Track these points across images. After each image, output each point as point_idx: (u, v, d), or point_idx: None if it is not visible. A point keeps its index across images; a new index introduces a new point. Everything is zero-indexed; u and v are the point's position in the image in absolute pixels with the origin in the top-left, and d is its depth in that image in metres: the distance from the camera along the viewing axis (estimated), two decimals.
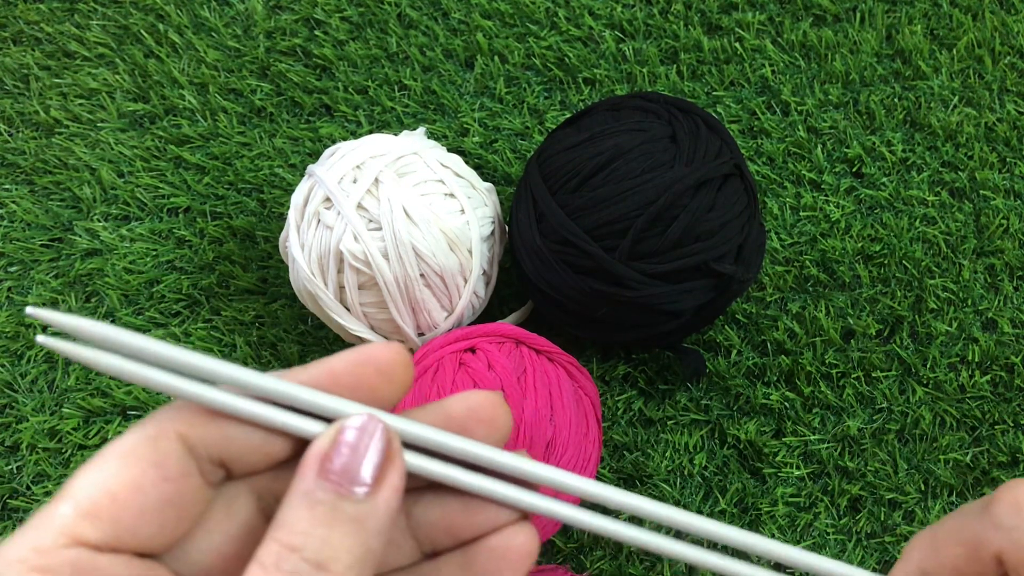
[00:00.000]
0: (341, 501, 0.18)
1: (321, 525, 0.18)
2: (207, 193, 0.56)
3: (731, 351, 0.51)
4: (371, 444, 0.19)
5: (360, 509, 0.18)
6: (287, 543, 0.18)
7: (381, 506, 0.19)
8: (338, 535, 0.18)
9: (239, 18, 0.61)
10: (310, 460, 0.19)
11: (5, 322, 0.53)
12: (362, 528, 0.18)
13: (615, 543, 0.47)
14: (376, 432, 0.19)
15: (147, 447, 0.19)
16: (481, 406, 0.21)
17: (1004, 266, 0.52)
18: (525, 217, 0.45)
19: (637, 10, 0.60)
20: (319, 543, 0.18)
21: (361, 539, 0.18)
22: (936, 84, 0.57)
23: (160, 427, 0.19)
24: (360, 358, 0.20)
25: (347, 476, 0.18)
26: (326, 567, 0.18)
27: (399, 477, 0.19)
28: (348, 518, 0.18)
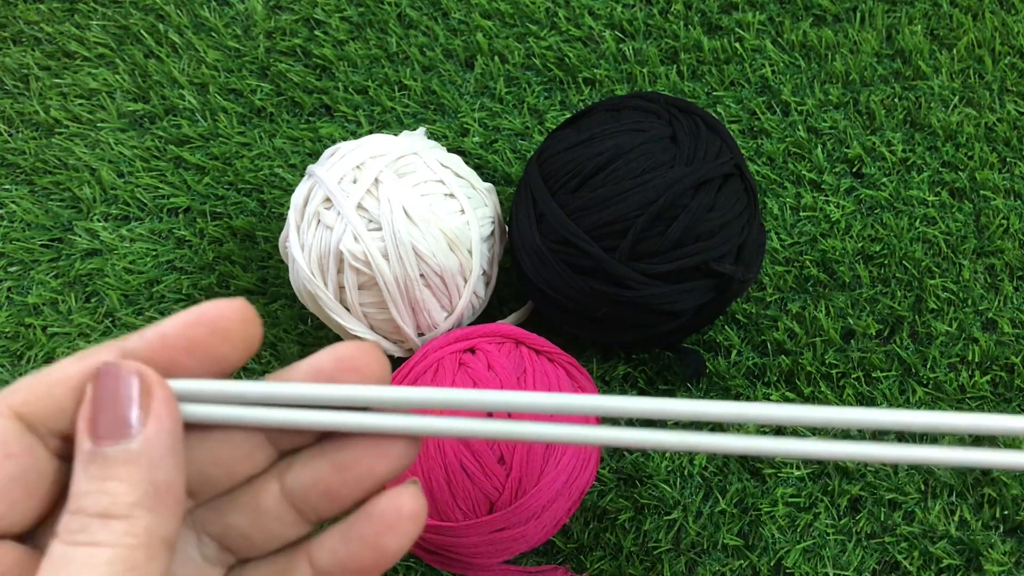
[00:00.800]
0: (111, 449, 0.18)
1: (97, 479, 0.18)
2: (207, 193, 0.56)
3: (731, 351, 0.51)
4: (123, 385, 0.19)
5: (130, 450, 0.18)
6: (73, 508, 0.18)
7: (152, 439, 0.18)
8: (113, 482, 0.18)
9: (239, 18, 0.61)
10: (79, 425, 0.19)
11: (5, 322, 0.53)
12: (136, 466, 0.18)
13: (615, 544, 0.47)
14: (122, 373, 0.19)
15: None
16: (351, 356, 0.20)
17: (1004, 266, 0.52)
18: (525, 217, 0.45)
19: (637, 10, 0.60)
20: (97, 496, 0.18)
21: (139, 475, 0.18)
22: (936, 84, 0.57)
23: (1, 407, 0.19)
24: (191, 318, 0.20)
25: (113, 425, 0.18)
26: (110, 514, 0.18)
27: (163, 405, 0.19)
28: (120, 462, 0.18)
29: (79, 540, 0.18)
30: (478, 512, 0.40)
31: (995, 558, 0.45)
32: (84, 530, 0.18)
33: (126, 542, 0.18)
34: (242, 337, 0.20)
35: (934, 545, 0.46)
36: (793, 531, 0.47)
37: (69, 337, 0.52)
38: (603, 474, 0.48)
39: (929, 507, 0.47)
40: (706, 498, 0.47)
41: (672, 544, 0.47)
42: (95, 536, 0.18)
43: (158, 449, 0.19)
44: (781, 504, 0.47)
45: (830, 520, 0.47)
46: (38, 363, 0.52)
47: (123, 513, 0.18)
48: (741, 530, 0.47)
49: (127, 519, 0.18)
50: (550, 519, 0.41)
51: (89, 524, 0.18)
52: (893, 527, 0.46)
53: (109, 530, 0.18)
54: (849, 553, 0.46)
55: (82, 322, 0.53)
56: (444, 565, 0.43)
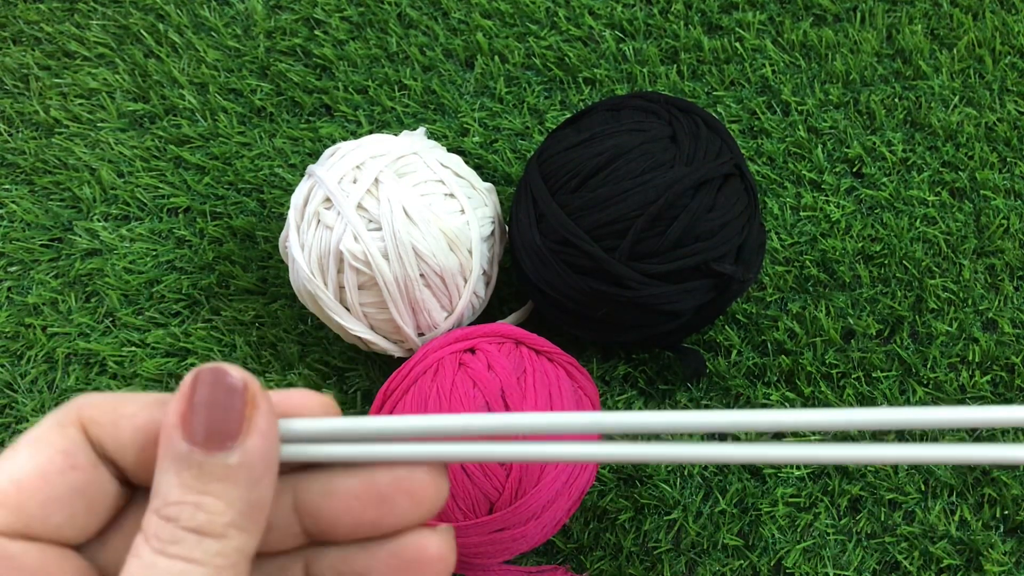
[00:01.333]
0: (208, 459, 0.18)
1: (191, 491, 0.18)
2: (207, 193, 0.56)
3: (731, 351, 0.51)
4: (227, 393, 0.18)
5: (229, 463, 0.18)
6: (164, 514, 0.18)
7: (252, 454, 0.18)
8: (211, 497, 0.18)
9: (239, 18, 0.61)
10: (171, 421, 0.18)
11: (5, 322, 0.53)
12: (235, 484, 0.18)
13: (615, 544, 0.46)
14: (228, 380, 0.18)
15: (55, 434, 0.19)
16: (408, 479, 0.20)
17: (1004, 266, 0.52)
18: (525, 217, 0.45)
19: (637, 10, 0.60)
20: (192, 510, 0.18)
21: (237, 494, 0.18)
22: (936, 84, 0.57)
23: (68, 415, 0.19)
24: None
25: (211, 432, 0.18)
26: (205, 531, 0.17)
27: (265, 420, 0.18)
28: (218, 476, 0.18)
29: (172, 552, 0.17)
30: (478, 512, 0.40)
31: (995, 558, 0.45)
32: (177, 542, 0.17)
33: (217, 562, 0.17)
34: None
35: (934, 545, 0.46)
36: (793, 531, 0.47)
37: (69, 337, 0.52)
38: (603, 474, 0.48)
39: (929, 507, 0.47)
40: (706, 498, 0.47)
41: (672, 544, 0.47)
42: (189, 552, 0.17)
43: (257, 466, 0.18)
44: (781, 504, 0.47)
45: (830, 520, 0.47)
46: (38, 363, 0.52)
47: (219, 533, 0.18)
48: (741, 530, 0.47)
49: (221, 539, 0.18)
50: (550, 519, 0.41)
51: (182, 537, 0.17)
52: (893, 527, 0.46)
53: (203, 549, 0.17)
54: (849, 553, 0.46)
55: (82, 322, 0.53)
56: None
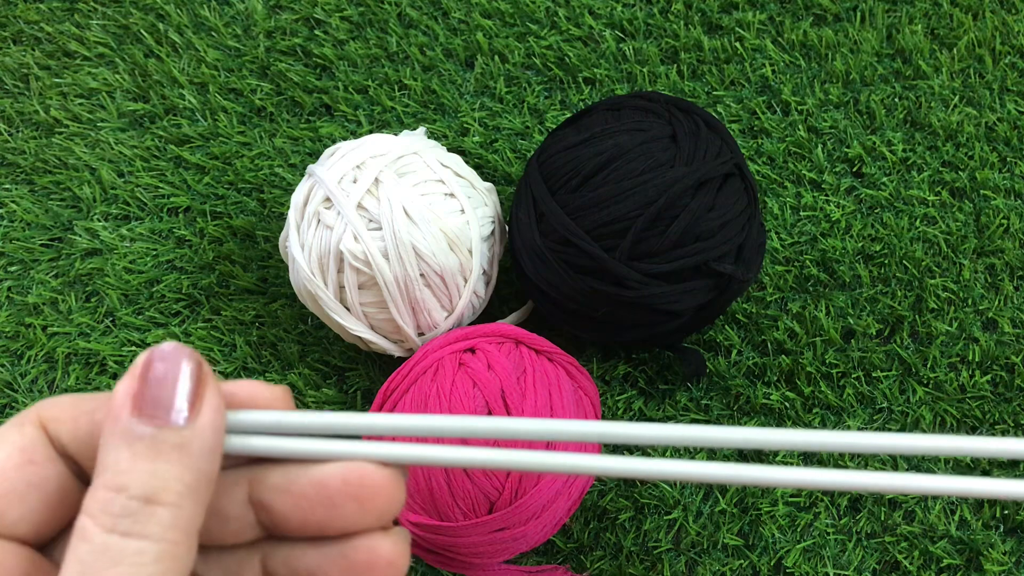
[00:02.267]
0: (161, 431, 0.18)
1: (144, 459, 0.18)
2: (207, 193, 0.56)
3: (731, 351, 0.51)
4: (179, 371, 0.18)
5: (183, 435, 0.18)
6: (112, 484, 0.17)
7: (206, 427, 0.18)
8: (164, 465, 0.18)
9: (239, 17, 0.61)
10: (120, 399, 0.18)
11: (5, 322, 0.53)
12: (188, 453, 0.18)
13: (615, 543, 0.46)
14: (181, 358, 0.19)
15: (13, 432, 0.19)
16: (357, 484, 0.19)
17: (1004, 266, 0.52)
18: (525, 217, 0.45)
19: (637, 9, 0.60)
20: (145, 477, 0.17)
21: (189, 464, 0.18)
22: (936, 84, 0.57)
23: (28, 417, 0.19)
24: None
25: (162, 406, 0.18)
26: (156, 499, 0.17)
27: (216, 396, 0.19)
28: (171, 447, 0.18)
29: (123, 528, 0.17)
30: (478, 512, 0.40)
31: (995, 558, 0.45)
32: (128, 514, 0.17)
33: (170, 537, 0.17)
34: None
35: (934, 545, 0.46)
36: (793, 531, 0.47)
37: (69, 337, 0.52)
38: None
39: (929, 507, 0.47)
40: (706, 498, 0.47)
41: (672, 544, 0.47)
42: (143, 527, 0.17)
43: (209, 439, 0.18)
44: (781, 504, 0.47)
45: (830, 520, 0.47)
46: (38, 363, 0.52)
47: (172, 501, 0.17)
48: (741, 530, 0.47)
49: (174, 508, 0.17)
50: (550, 519, 0.41)
51: (135, 508, 0.17)
52: (893, 527, 0.46)
53: (157, 520, 0.17)
54: (849, 553, 0.46)
55: (82, 322, 0.53)
56: (444, 565, 0.43)
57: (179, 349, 0.19)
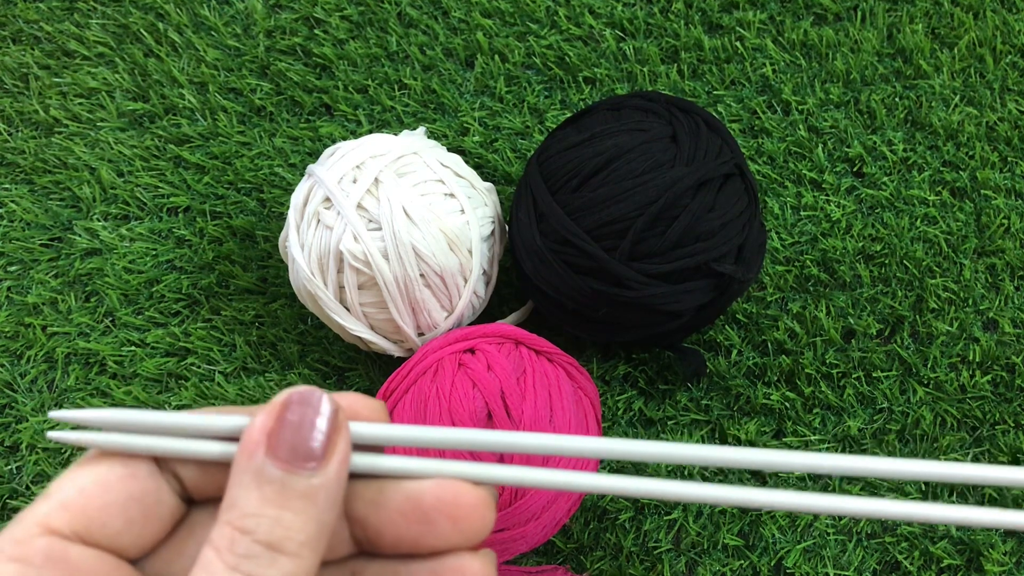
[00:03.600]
0: (291, 478, 0.18)
1: (272, 505, 0.18)
2: (207, 193, 0.56)
3: (731, 351, 0.50)
4: (316, 417, 0.19)
5: (311, 484, 0.18)
6: (239, 525, 0.18)
7: (332, 478, 0.18)
8: (290, 514, 0.18)
9: (239, 17, 0.61)
10: (255, 437, 0.18)
11: (5, 322, 0.53)
12: (314, 504, 0.18)
13: (615, 543, 0.46)
14: (320, 403, 0.19)
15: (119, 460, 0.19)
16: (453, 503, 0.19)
17: (1005, 266, 0.52)
18: (525, 217, 0.45)
19: (638, 9, 0.60)
20: (271, 524, 0.18)
21: (313, 515, 0.18)
22: (937, 83, 0.57)
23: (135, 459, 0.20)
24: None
25: (296, 452, 0.18)
26: (280, 548, 0.18)
27: (346, 446, 0.19)
28: (299, 495, 0.18)
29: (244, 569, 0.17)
30: None
31: (995, 558, 0.45)
32: (251, 557, 0.17)
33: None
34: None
35: (934, 545, 0.46)
36: (793, 531, 0.46)
37: (69, 337, 0.52)
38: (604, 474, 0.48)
39: None
40: None
41: (672, 544, 0.47)
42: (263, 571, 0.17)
43: (335, 490, 0.18)
44: None
45: (830, 520, 0.47)
46: (38, 363, 0.52)
47: (293, 551, 0.18)
48: (741, 530, 0.47)
49: (295, 559, 0.18)
50: (550, 519, 0.41)
51: (257, 552, 0.17)
52: (893, 527, 0.46)
53: (277, 568, 0.17)
54: (849, 553, 0.46)
55: (82, 321, 0.53)
56: None
57: (317, 394, 0.19)
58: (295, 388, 0.19)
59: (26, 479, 0.49)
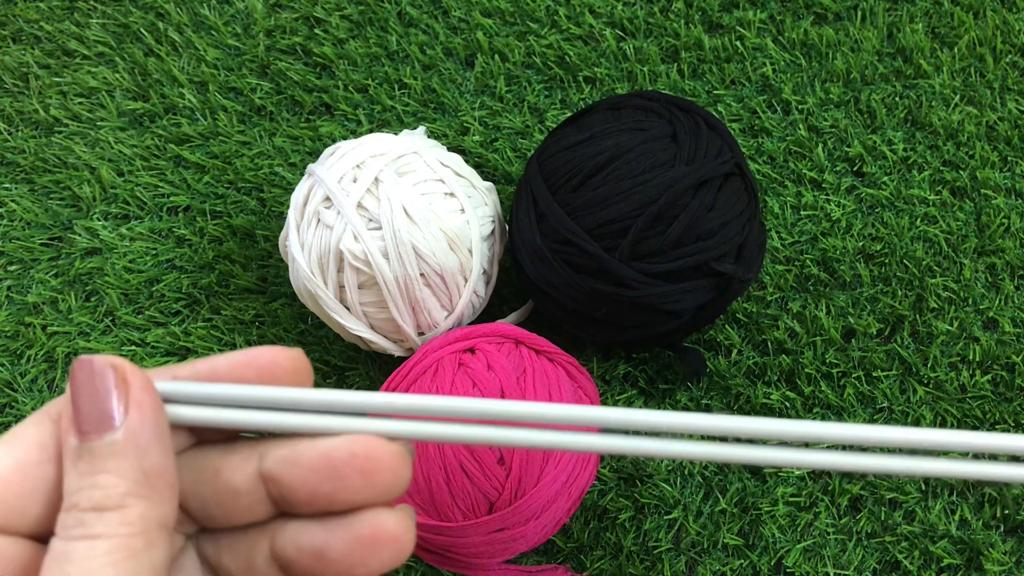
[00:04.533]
0: (97, 444, 0.18)
1: (87, 475, 0.18)
2: (207, 192, 0.56)
3: (731, 351, 0.50)
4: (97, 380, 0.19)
5: (115, 441, 0.18)
6: (67, 505, 0.18)
7: (135, 427, 0.19)
8: (103, 475, 0.18)
9: (239, 16, 0.61)
10: (64, 427, 0.19)
11: (5, 321, 0.53)
12: (124, 457, 0.18)
13: (615, 543, 0.46)
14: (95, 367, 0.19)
15: (33, 430, 0.19)
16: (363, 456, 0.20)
17: (1005, 265, 0.52)
18: (525, 216, 0.45)
19: (638, 8, 0.60)
20: (89, 490, 0.18)
21: (127, 464, 0.18)
22: (937, 83, 0.57)
23: (46, 412, 0.20)
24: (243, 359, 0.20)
25: (94, 419, 0.18)
26: (102, 506, 0.18)
27: (143, 394, 0.19)
28: (106, 455, 0.18)
29: (76, 534, 0.18)
30: (478, 512, 0.40)
31: (996, 557, 0.45)
32: (80, 524, 0.18)
33: (122, 531, 0.18)
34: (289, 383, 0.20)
35: (935, 544, 0.46)
36: (793, 530, 0.46)
37: (69, 336, 0.52)
38: (603, 473, 0.48)
39: (929, 506, 0.47)
40: (706, 497, 0.47)
41: (672, 543, 0.47)
42: (92, 529, 0.18)
43: (143, 436, 0.19)
44: (781, 503, 0.47)
45: (830, 519, 0.47)
46: (38, 362, 0.52)
47: (116, 504, 0.18)
48: (741, 529, 0.47)
49: (121, 509, 0.18)
50: (550, 519, 0.41)
51: (84, 518, 0.18)
52: (894, 526, 0.46)
53: (105, 522, 0.18)
54: (849, 553, 0.46)
55: (82, 321, 0.53)
56: (444, 565, 0.43)
57: (88, 361, 0.19)
58: (73, 361, 0.19)
59: None
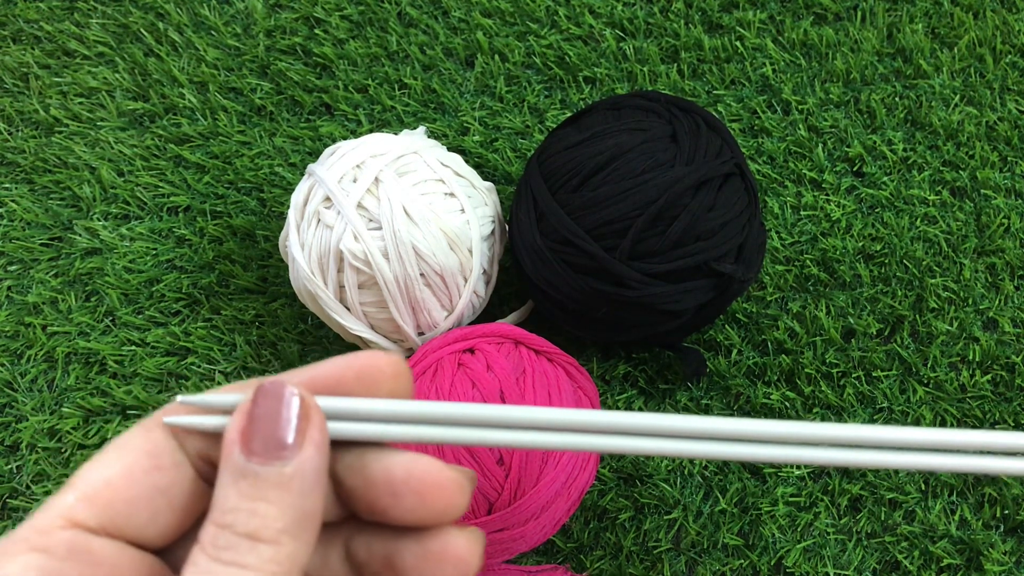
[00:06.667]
0: (264, 469, 0.18)
1: (247, 498, 0.18)
2: (207, 192, 0.56)
3: (731, 350, 0.51)
4: (283, 407, 0.19)
5: (283, 473, 0.18)
6: (220, 522, 0.18)
7: (306, 465, 0.19)
8: (264, 504, 0.18)
9: (239, 16, 0.61)
10: (231, 436, 0.19)
11: (5, 321, 0.53)
12: (289, 491, 0.18)
13: (615, 543, 0.46)
14: (285, 394, 0.19)
15: (141, 437, 0.20)
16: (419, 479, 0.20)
17: (1005, 265, 0.52)
18: (525, 216, 0.45)
19: (638, 8, 0.60)
20: (247, 515, 0.18)
21: (290, 503, 0.18)
22: (937, 83, 0.57)
23: (155, 419, 0.20)
24: (344, 364, 0.20)
25: (268, 444, 0.18)
26: (258, 536, 0.18)
27: (319, 432, 0.19)
28: (272, 485, 0.18)
29: (226, 558, 0.18)
30: (477, 513, 0.40)
31: (996, 557, 0.45)
32: (231, 548, 0.18)
33: (270, 568, 0.18)
34: (389, 391, 0.20)
35: (935, 544, 0.46)
36: (793, 530, 0.46)
37: (69, 336, 0.52)
38: (603, 473, 0.48)
39: (929, 506, 0.47)
40: (706, 497, 0.47)
41: (672, 543, 0.47)
42: (243, 558, 0.18)
43: (310, 476, 0.19)
44: (781, 503, 0.47)
45: (830, 519, 0.47)
46: (38, 362, 0.52)
47: (271, 539, 0.18)
48: (741, 529, 0.47)
49: (274, 545, 0.18)
50: (550, 519, 0.41)
51: (237, 543, 0.18)
52: (893, 526, 0.46)
53: (256, 554, 0.18)
54: (849, 553, 0.46)
55: (82, 321, 0.53)
56: None
57: (281, 385, 0.19)
58: (263, 380, 0.19)
59: (26, 478, 0.49)
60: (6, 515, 0.49)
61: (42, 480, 0.49)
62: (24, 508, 0.49)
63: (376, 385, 0.20)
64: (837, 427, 0.20)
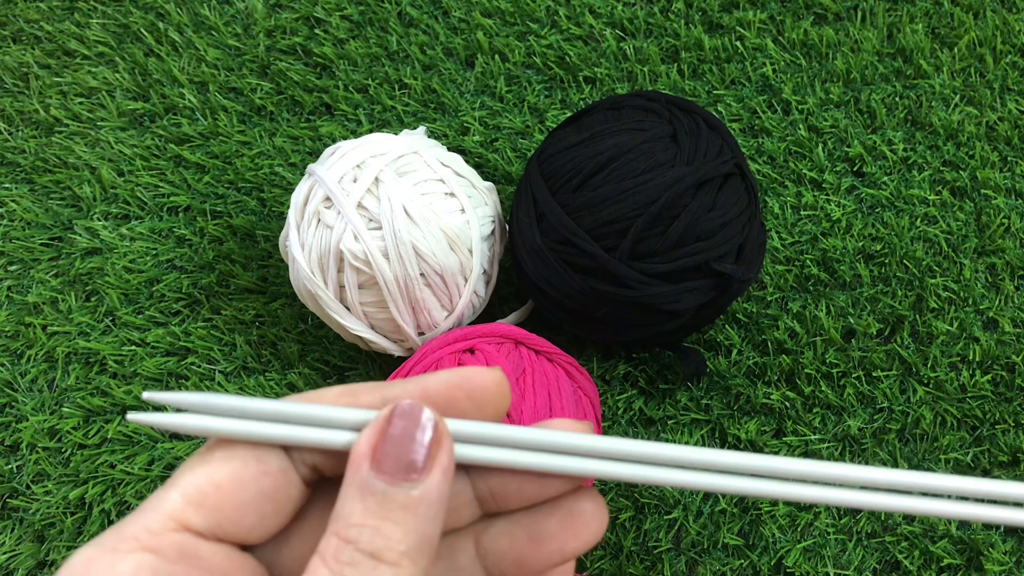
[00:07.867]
0: (392, 489, 0.18)
1: (374, 516, 0.18)
2: (207, 192, 0.56)
3: (731, 350, 0.50)
4: (418, 430, 0.19)
5: (411, 496, 0.19)
6: (343, 535, 0.18)
7: (432, 490, 0.19)
8: (390, 524, 0.18)
9: (239, 16, 0.61)
10: (362, 451, 0.19)
11: (5, 321, 0.53)
12: (414, 515, 0.19)
13: (615, 543, 0.46)
14: (422, 416, 0.19)
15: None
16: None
17: (1005, 265, 0.52)
18: (525, 216, 0.45)
19: (638, 8, 0.60)
20: (372, 533, 0.18)
21: (414, 526, 0.18)
22: (937, 83, 0.57)
23: None
24: (455, 380, 0.20)
25: (399, 464, 0.19)
26: (380, 556, 0.18)
27: (448, 458, 0.19)
28: (400, 506, 0.18)
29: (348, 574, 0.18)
30: None
31: (995, 557, 0.45)
32: (353, 564, 0.18)
33: None
34: (495, 407, 0.21)
35: (935, 544, 0.46)
36: (793, 530, 0.46)
37: (69, 336, 0.52)
38: None
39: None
40: (706, 497, 0.47)
41: (672, 543, 0.47)
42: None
43: (436, 503, 0.19)
44: (781, 504, 0.47)
45: (830, 519, 0.47)
46: (38, 362, 0.52)
47: (393, 560, 0.18)
48: (741, 529, 0.47)
49: (395, 568, 0.18)
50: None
51: (360, 560, 0.18)
52: (894, 526, 0.46)
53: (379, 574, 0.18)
54: (849, 552, 0.46)
55: (82, 321, 0.53)
56: None
57: (417, 408, 0.19)
58: (400, 402, 0.19)
59: (26, 478, 0.49)
60: (6, 515, 0.49)
61: (42, 480, 0.49)
62: (24, 508, 0.49)
63: (485, 403, 0.21)
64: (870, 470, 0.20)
